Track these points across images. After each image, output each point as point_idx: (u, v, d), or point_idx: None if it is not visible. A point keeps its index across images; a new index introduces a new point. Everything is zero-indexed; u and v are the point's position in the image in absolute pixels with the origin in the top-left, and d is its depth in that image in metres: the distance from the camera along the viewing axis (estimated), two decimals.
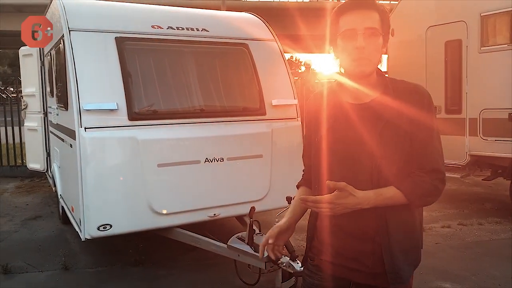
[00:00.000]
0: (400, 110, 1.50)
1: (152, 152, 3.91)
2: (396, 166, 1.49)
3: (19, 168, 8.91)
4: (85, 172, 3.71)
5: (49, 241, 5.05)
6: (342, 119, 1.56)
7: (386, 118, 1.49)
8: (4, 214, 6.22)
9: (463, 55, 5.97)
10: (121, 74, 3.95)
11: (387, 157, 1.48)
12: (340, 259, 1.57)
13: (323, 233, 1.62)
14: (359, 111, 1.54)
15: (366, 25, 1.45)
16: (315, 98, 1.71)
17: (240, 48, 4.71)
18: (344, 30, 1.48)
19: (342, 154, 1.54)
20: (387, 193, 1.47)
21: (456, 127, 6.09)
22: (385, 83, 1.56)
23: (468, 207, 6.44)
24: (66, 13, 4.06)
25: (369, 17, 1.47)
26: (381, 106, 1.51)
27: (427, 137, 1.52)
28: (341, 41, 1.50)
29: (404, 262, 1.53)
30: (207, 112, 4.29)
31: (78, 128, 3.71)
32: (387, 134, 1.48)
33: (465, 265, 4.32)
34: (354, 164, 1.51)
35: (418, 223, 1.59)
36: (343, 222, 1.53)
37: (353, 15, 1.47)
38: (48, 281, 4.04)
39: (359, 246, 1.53)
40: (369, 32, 1.46)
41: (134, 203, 3.84)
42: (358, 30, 1.45)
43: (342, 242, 1.56)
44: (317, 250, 1.63)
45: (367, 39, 1.45)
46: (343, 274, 1.57)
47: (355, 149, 1.51)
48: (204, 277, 4.10)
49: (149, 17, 4.49)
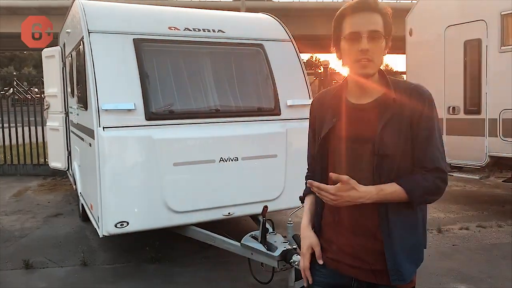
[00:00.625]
0: (402, 110, 1.53)
1: (168, 151, 3.98)
2: (398, 165, 1.52)
3: (41, 167, 9.14)
4: (103, 171, 3.80)
5: (69, 238, 5.18)
6: (345, 118, 1.59)
7: (388, 118, 1.52)
8: (27, 211, 6.40)
9: (482, 54, 5.89)
10: (138, 75, 4.04)
11: (389, 156, 1.51)
12: (342, 257, 1.59)
13: (327, 231, 1.65)
14: (362, 111, 1.57)
15: (369, 28, 1.48)
16: (318, 98, 1.75)
17: (255, 48, 4.75)
18: (348, 32, 1.51)
19: (345, 153, 1.57)
20: (388, 189, 1.49)
21: (475, 128, 6.01)
22: (387, 84, 1.58)
23: (488, 209, 6.33)
24: (86, 15, 4.17)
25: (372, 20, 1.49)
26: (383, 106, 1.55)
27: (429, 136, 1.54)
28: (345, 43, 1.53)
29: (406, 260, 1.54)
30: (223, 112, 4.34)
31: (97, 128, 3.81)
32: (389, 133, 1.51)
33: (482, 267, 4.26)
34: (357, 163, 1.54)
35: (421, 222, 1.61)
36: (346, 220, 1.56)
37: (356, 17, 1.50)
38: (68, 276, 4.15)
39: (361, 244, 1.55)
40: (373, 35, 1.49)
41: (150, 201, 3.92)
42: (362, 33, 1.48)
43: (345, 239, 1.58)
44: (322, 248, 1.66)
45: (370, 42, 1.48)
46: (346, 271, 1.60)
47: (358, 148, 1.54)
48: (219, 274, 4.16)
49: (166, 18, 4.57)
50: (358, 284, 1.59)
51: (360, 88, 1.58)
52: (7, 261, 4.49)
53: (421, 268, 4.41)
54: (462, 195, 7.18)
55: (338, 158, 1.59)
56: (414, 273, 1.59)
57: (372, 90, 1.57)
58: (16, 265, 4.37)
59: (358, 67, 1.51)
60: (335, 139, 1.60)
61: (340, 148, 1.58)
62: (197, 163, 4.07)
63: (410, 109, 1.53)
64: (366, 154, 1.52)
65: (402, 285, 1.55)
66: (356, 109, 1.58)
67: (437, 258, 4.51)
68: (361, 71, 1.52)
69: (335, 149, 1.60)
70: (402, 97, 1.54)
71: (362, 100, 1.58)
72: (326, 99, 1.69)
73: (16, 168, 9.20)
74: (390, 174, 1.51)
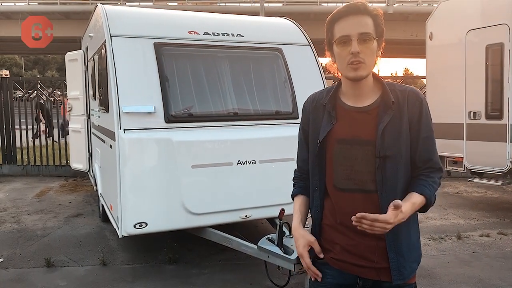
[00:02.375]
0: (401, 112, 1.57)
1: (187, 154, 4.03)
2: (400, 166, 1.57)
3: (63, 168, 9.33)
4: (123, 172, 3.87)
5: (89, 238, 5.28)
6: (344, 121, 1.62)
7: (388, 120, 1.56)
8: (49, 211, 6.55)
9: (505, 59, 5.79)
10: (158, 78, 4.11)
11: (391, 158, 1.55)
12: (347, 256, 1.62)
13: (328, 232, 1.67)
14: (361, 114, 1.60)
15: (359, 30, 1.52)
16: (312, 100, 1.75)
17: (274, 52, 4.78)
18: (339, 36, 1.55)
19: (345, 156, 1.59)
20: (417, 201, 1.55)
21: (496, 133, 5.91)
22: (382, 87, 1.62)
23: (509, 216, 6.21)
24: (108, 20, 4.27)
25: (362, 23, 1.53)
26: (382, 109, 1.58)
27: (430, 137, 1.61)
28: (337, 47, 1.57)
29: (408, 258, 1.60)
30: (241, 115, 4.38)
31: (118, 130, 3.88)
32: (389, 135, 1.55)
33: (503, 275, 4.19)
34: (358, 165, 1.57)
35: (417, 218, 1.69)
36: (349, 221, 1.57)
37: (346, 21, 1.54)
38: (87, 275, 4.23)
39: (364, 243, 1.58)
40: (363, 37, 1.52)
41: (169, 203, 3.97)
42: (352, 36, 1.52)
43: (348, 240, 1.61)
44: (324, 248, 1.68)
45: (361, 44, 1.51)
46: (351, 270, 1.63)
47: (359, 150, 1.57)
48: (235, 277, 4.18)
49: (186, 23, 4.64)
50: (363, 282, 1.62)
51: (356, 91, 1.61)
52: (29, 259, 4.60)
53: (441, 275, 4.36)
54: (482, 202, 7.05)
55: (337, 160, 1.61)
56: (415, 270, 1.63)
57: (368, 93, 1.61)
58: (38, 263, 4.48)
59: (350, 70, 1.55)
60: (333, 142, 1.62)
61: (339, 151, 1.60)
62: (215, 166, 4.11)
63: (409, 111, 1.58)
64: (367, 157, 1.56)
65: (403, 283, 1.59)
66: (355, 112, 1.61)
67: (457, 265, 4.45)
68: (353, 74, 1.55)
69: (334, 152, 1.62)
70: (399, 100, 1.59)
71: (359, 103, 1.62)
72: (320, 102, 1.70)
73: (39, 169, 9.41)
74: (393, 175, 1.55)
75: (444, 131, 6.66)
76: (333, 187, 1.62)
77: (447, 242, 5.14)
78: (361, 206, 1.53)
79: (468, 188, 8.03)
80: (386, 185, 1.54)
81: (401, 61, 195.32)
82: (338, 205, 1.62)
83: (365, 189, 1.56)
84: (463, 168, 6.48)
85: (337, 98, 1.66)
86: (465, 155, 6.35)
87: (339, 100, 1.65)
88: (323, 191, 1.67)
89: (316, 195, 1.69)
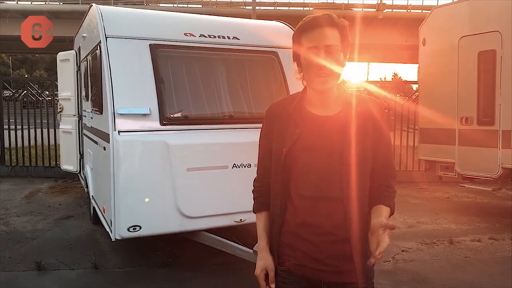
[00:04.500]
0: (365, 122, 1.61)
1: (182, 157, 4.00)
2: (364, 174, 1.60)
3: (53, 169, 9.20)
4: (117, 174, 3.82)
5: (80, 241, 5.21)
6: (311, 130, 1.62)
7: (353, 130, 1.59)
8: (38, 212, 6.44)
9: (497, 66, 5.86)
10: (154, 80, 4.07)
11: (356, 165, 1.57)
12: (309, 262, 1.62)
13: (290, 237, 1.66)
14: (327, 122, 1.62)
15: (326, 42, 1.54)
16: (275, 108, 1.73)
17: (270, 56, 4.78)
18: (307, 47, 1.56)
19: (311, 164, 1.60)
20: (387, 213, 1.61)
21: (488, 139, 5.97)
22: (346, 95, 1.65)
23: (500, 221, 6.27)
24: (103, 20, 4.22)
25: (329, 35, 1.54)
26: (347, 119, 1.61)
27: (389, 146, 1.69)
28: (304, 57, 1.58)
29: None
30: (236, 119, 4.36)
31: (112, 132, 3.84)
32: (356, 143, 1.58)
33: (495, 280, 4.22)
34: (324, 174, 1.58)
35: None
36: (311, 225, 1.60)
37: (314, 33, 1.55)
38: (79, 279, 4.17)
39: (328, 250, 1.59)
40: (330, 49, 1.54)
41: (163, 206, 3.93)
42: (319, 48, 1.53)
43: (311, 246, 1.61)
44: (285, 254, 1.67)
45: (328, 56, 1.53)
46: (314, 275, 1.63)
47: (325, 159, 1.58)
48: (229, 281, 4.15)
49: (182, 25, 4.61)
50: (327, 286, 1.63)
51: (322, 100, 1.63)
52: (19, 262, 4.52)
53: (434, 280, 4.37)
54: (473, 207, 7.12)
55: (303, 168, 1.61)
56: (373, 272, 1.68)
57: (334, 101, 1.63)
58: (28, 266, 4.40)
59: (318, 82, 1.57)
60: (299, 150, 1.61)
61: (305, 159, 1.60)
62: (210, 169, 4.08)
63: (372, 120, 1.62)
64: (334, 164, 1.57)
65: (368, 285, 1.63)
66: (321, 120, 1.62)
67: (450, 269, 4.47)
68: (320, 87, 1.58)
69: (300, 160, 1.61)
70: (362, 110, 1.62)
71: (325, 111, 1.63)
72: (284, 110, 1.69)
73: (27, 170, 9.26)
74: (358, 182, 1.58)
75: (436, 136, 6.72)
76: (298, 194, 1.62)
77: (439, 247, 5.17)
78: (326, 213, 1.58)
79: (459, 193, 8.10)
80: (351, 192, 1.57)
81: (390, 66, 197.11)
82: (302, 212, 1.62)
83: (330, 196, 1.58)
84: (454, 173, 6.53)
85: (302, 106, 1.67)
86: (456, 160, 6.41)
87: (304, 108, 1.66)
88: (287, 199, 1.65)
89: (277, 202, 1.67)
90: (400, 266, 4.52)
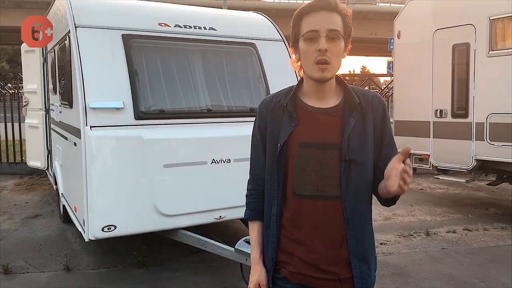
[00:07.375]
0: (364, 116, 1.52)
1: (158, 152, 3.84)
2: (364, 171, 1.50)
3: (18, 165, 8.83)
4: (90, 172, 3.63)
5: (50, 241, 4.97)
6: (306, 123, 1.52)
7: (352, 123, 1.50)
8: (3, 212, 6.13)
9: (470, 58, 5.92)
10: (127, 72, 3.89)
11: (356, 162, 1.48)
12: (307, 269, 1.53)
13: (287, 243, 1.56)
14: (324, 115, 1.52)
15: (329, 27, 1.42)
16: (269, 102, 1.61)
17: (247, 47, 4.65)
18: (307, 31, 1.44)
19: (308, 161, 1.50)
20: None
21: (462, 131, 6.05)
22: (345, 89, 1.56)
23: (472, 212, 6.39)
24: (72, 9, 3.99)
25: (332, 19, 1.44)
26: (346, 111, 1.52)
27: (392, 142, 1.57)
28: (303, 43, 1.46)
29: (371, 266, 1.56)
30: (214, 112, 4.22)
31: (84, 127, 3.64)
32: (355, 139, 1.49)
33: (473, 271, 4.27)
34: (322, 170, 1.49)
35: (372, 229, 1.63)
36: (309, 231, 1.51)
37: (316, 16, 1.44)
38: (50, 282, 3.96)
39: (326, 254, 1.51)
40: (332, 34, 1.43)
41: (139, 204, 3.77)
42: (321, 32, 1.42)
43: (308, 252, 1.52)
44: (282, 261, 1.57)
45: (329, 42, 1.42)
46: (311, 283, 1.54)
47: (323, 154, 1.49)
48: (208, 280, 4.04)
49: (156, 14, 4.41)
50: None
51: (319, 92, 1.52)
52: None
53: (414, 273, 4.38)
54: (446, 198, 7.24)
55: (299, 165, 1.50)
56: (375, 279, 1.58)
57: (331, 94, 1.54)
58: None
59: (317, 70, 1.45)
60: (295, 145, 1.51)
61: (302, 155, 1.50)
62: (188, 165, 3.94)
63: (373, 114, 1.53)
64: (332, 161, 1.48)
65: None
66: (318, 113, 1.52)
67: (428, 262, 4.50)
68: (319, 75, 1.46)
69: (296, 156, 1.51)
70: (363, 103, 1.53)
71: (322, 104, 1.53)
72: (279, 103, 1.58)
73: None
74: (358, 180, 1.49)
75: (411, 128, 6.77)
76: (293, 194, 1.52)
77: (416, 239, 5.20)
78: (323, 213, 1.48)
79: (431, 184, 8.23)
80: (350, 190, 1.48)
81: (359, 59, 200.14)
82: (298, 214, 1.51)
83: (328, 195, 1.48)
84: (429, 165, 6.60)
85: (298, 98, 1.55)
86: (431, 153, 6.47)
87: (300, 101, 1.55)
88: (282, 199, 1.54)
89: (274, 203, 1.56)
90: (380, 260, 4.51)
